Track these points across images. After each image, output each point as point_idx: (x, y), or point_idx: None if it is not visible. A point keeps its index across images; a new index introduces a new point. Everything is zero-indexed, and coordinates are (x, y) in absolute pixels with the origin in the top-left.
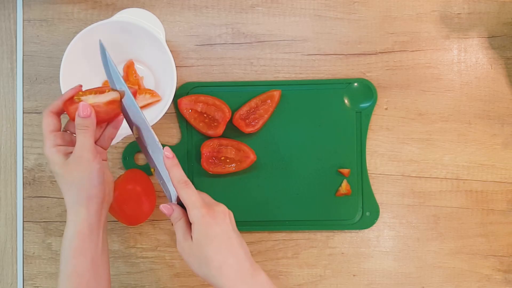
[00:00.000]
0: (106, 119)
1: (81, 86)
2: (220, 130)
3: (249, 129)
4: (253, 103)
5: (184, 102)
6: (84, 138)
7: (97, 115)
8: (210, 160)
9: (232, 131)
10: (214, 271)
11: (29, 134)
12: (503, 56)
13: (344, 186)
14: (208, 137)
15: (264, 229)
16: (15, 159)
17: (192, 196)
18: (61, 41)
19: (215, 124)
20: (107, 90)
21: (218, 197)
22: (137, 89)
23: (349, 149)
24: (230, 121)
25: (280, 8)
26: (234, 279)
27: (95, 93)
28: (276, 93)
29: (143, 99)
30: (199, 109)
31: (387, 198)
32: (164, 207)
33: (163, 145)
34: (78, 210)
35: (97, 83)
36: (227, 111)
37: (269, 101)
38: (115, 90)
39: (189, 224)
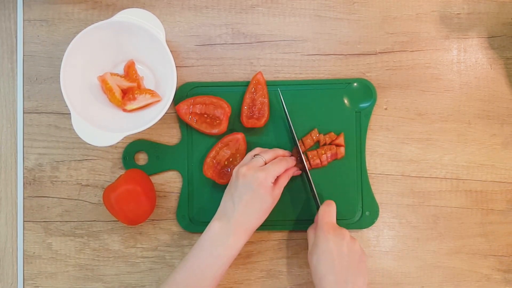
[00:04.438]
0: None
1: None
2: (224, 127)
3: (262, 121)
4: (247, 98)
5: (182, 107)
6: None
7: None
8: (216, 173)
9: (235, 126)
10: (316, 281)
11: (29, 134)
12: (503, 56)
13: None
14: (208, 137)
15: (264, 228)
16: (15, 159)
17: (325, 213)
18: (61, 41)
19: (217, 122)
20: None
21: (218, 198)
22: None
23: (349, 149)
24: (233, 116)
25: (280, 8)
26: None
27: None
28: (259, 75)
29: (143, 99)
30: (198, 111)
31: (387, 198)
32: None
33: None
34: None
35: (97, 84)
36: (226, 106)
37: (259, 86)
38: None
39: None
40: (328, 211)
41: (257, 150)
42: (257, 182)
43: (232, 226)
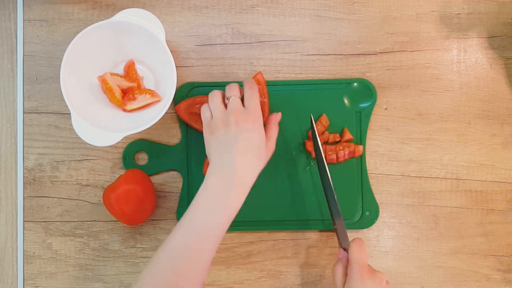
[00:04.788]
0: None
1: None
2: None
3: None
4: None
5: (182, 107)
6: None
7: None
8: None
9: None
10: None
11: (29, 134)
12: (503, 56)
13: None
14: None
15: (264, 228)
16: (15, 159)
17: (359, 254)
18: (61, 41)
19: None
20: None
21: None
22: None
23: None
24: None
25: (280, 8)
26: None
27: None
28: (259, 75)
29: (143, 99)
30: (198, 111)
31: (387, 198)
32: (339, 251)
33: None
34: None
35: (97, 84)
36: None
37: (259, 86)
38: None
39: (345, 273)
40: (361, 251)
41: (218, 92)
42: (251, 126)
43: (232, 179)
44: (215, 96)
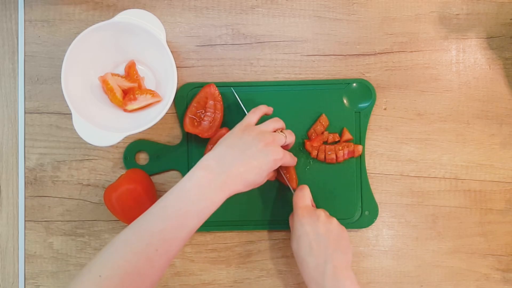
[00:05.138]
0: None
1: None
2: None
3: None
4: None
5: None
6: None
7: None
8: None
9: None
10: (299, 266)
11: (31, 134)
12: (501, 57)
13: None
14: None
15: (264, 228)
16: (16, 159)
17: (300, 198)
18: (63, 41)
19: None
20: None
21: None
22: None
23: None
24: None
25: (280, 9)
26: (310, 278)
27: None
28: (212, 89)
29: (144, 99)
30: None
31: (386, 197)
32: None
33: None
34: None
35: (98, 84)
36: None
37: (216, 102)
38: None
39: None
40: (302, 196)
41: (280, 123)
42: (271, 157)
43: (222, 177)
44: (277, 122)
